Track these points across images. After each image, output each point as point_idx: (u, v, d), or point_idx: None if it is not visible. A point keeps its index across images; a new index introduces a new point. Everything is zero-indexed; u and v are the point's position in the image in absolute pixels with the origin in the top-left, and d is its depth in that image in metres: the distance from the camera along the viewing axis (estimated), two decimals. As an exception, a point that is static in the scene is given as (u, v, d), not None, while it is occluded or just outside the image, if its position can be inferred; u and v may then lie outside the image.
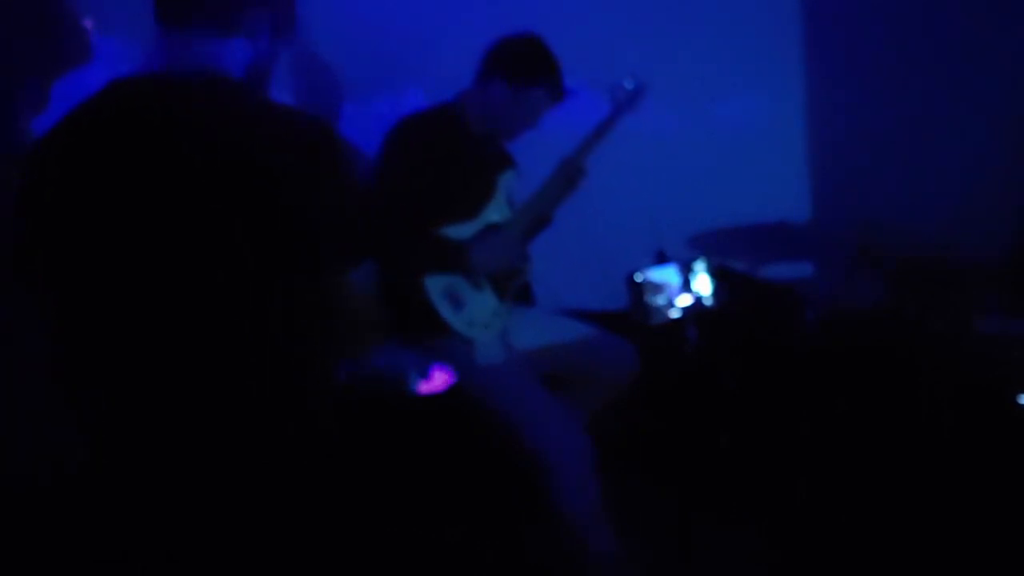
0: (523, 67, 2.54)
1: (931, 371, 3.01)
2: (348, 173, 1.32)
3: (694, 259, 3.25)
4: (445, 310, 2.42)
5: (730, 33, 3.55)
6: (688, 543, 2.56)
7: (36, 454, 1.76)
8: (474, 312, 2.46)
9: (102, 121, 1.31)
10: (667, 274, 3.25)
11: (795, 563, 2.51)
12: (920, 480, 2.70)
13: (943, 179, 3.48)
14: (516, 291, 2.60)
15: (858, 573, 2.44)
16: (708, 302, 3.21)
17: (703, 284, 3.23)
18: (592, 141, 2.65)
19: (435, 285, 2.43)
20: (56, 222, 1.31)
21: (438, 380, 2.64)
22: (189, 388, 1.29)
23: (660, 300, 3.24)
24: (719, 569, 2.48)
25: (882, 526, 2.57)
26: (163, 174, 1.26)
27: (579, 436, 2.41)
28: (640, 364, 2.68)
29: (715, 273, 3.24)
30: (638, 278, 3.27)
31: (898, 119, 3.59)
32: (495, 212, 2.56)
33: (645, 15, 3.49)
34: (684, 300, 3.22)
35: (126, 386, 1.30)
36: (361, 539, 1.41)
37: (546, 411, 2.42)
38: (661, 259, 3.29)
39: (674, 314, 3.22)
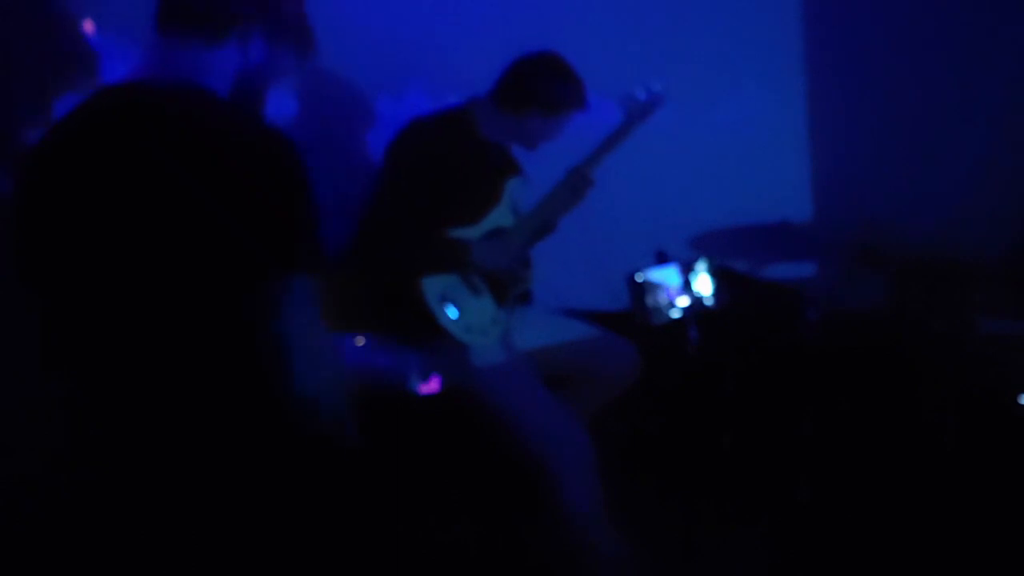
0: (554, 93, 2.54)
1: (932, 371, 3.01)
2: (303, 187, 1.37)
3: (695, 259, 3.24)
4: (442, 314, 2.42)
5: (730, 33, 3.54)
6: (689, 543, 2.56)
7: (36, 454, 1.76)
8: (472, 318, 2.45)
9: (88, 127, 1.36)
10: (668, 274, 3.24)
11: (796, 563, 2.51)
12: (921, 480, 2.69)
13: (944, 179, 3.47)
14: (516, 299, 2.60)
15: (859, 573, 2.44)
16: (709, 302, 3.21)
17: (704, 284, 3.22)
18: (602, 152, 2.62)
19: (433, 289, 2.42)
20: (48, 226, 1.35)
21: (438, 381, 2.63)
22: (183, 388, 1.31)
23: (661, 300, 3.23)
24: (720, 569, 2.48)
25: (883, 526, 2.56)
26: (140, 179, 1.30)
27: (580, 436, 2.41)
28: (641, 364, 2.68)
29: (716, 273, 3.23)
30: (639, 278, 3.26)
31: (899, 119, 3.58)
32: (500, 218, 2.56)
33: (645, 15, 3.48)
34: (685, 300, 3.21)
35: (119, 386, 1.32)
36: (362, 538, 1.41)
37: (547, 411, 2.42)
38: (662, 259, 3.28)
39: (675, 314, 3.21)
